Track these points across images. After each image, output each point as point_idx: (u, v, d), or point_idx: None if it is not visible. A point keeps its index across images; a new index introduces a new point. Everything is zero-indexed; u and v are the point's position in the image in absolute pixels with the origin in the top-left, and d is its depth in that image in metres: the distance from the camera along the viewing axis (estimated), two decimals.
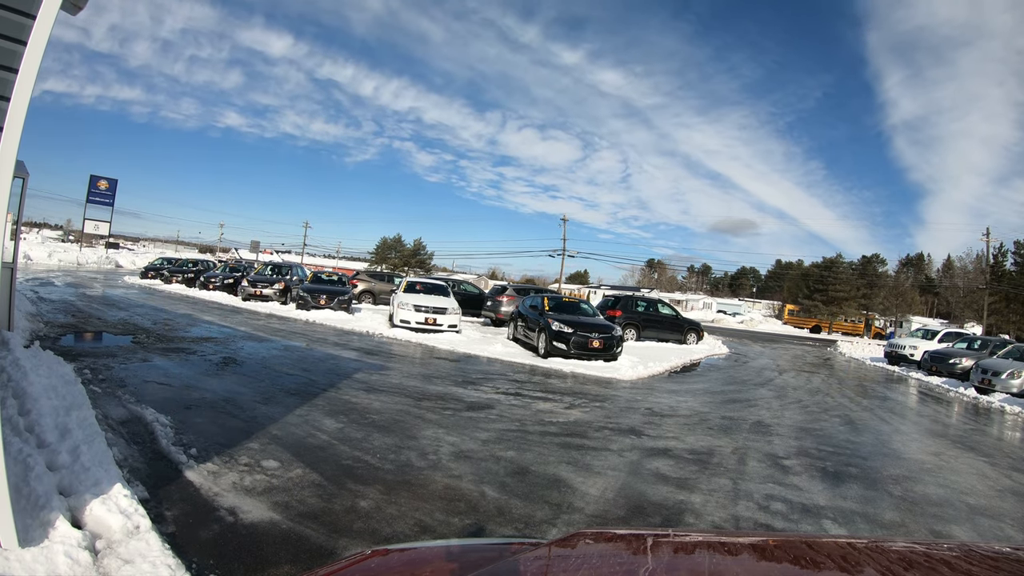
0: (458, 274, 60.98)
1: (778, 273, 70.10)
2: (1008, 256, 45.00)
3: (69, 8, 2.94)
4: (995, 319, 38.32)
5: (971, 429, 8.47)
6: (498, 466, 4.23)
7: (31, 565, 2.11)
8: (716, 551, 1.04)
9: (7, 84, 2.13)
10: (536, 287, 24.83)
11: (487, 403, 6.44)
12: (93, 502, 2.60)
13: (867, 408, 9.19)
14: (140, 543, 2.40)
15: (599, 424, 5.98)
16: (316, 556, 2.67)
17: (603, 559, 0.98)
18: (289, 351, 8.83)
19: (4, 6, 2.08)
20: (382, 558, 0.99)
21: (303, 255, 66.89)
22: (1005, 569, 0.98)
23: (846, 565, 0.96)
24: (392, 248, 55.07)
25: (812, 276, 47.32)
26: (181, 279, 21.96)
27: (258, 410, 5.12)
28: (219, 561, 2.53)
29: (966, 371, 13.76)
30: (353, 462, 3.99)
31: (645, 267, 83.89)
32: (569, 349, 10.49)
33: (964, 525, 4.09)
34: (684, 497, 4.00)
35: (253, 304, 16.11)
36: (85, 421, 3.69)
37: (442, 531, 3.07)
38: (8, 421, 3.29)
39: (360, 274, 23.61)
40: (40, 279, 18.23)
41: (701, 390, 9.35)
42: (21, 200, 6.90)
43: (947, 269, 61.49)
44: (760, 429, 6.55)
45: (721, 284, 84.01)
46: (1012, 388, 11.64)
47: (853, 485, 4.71)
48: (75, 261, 32.04)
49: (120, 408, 4.63)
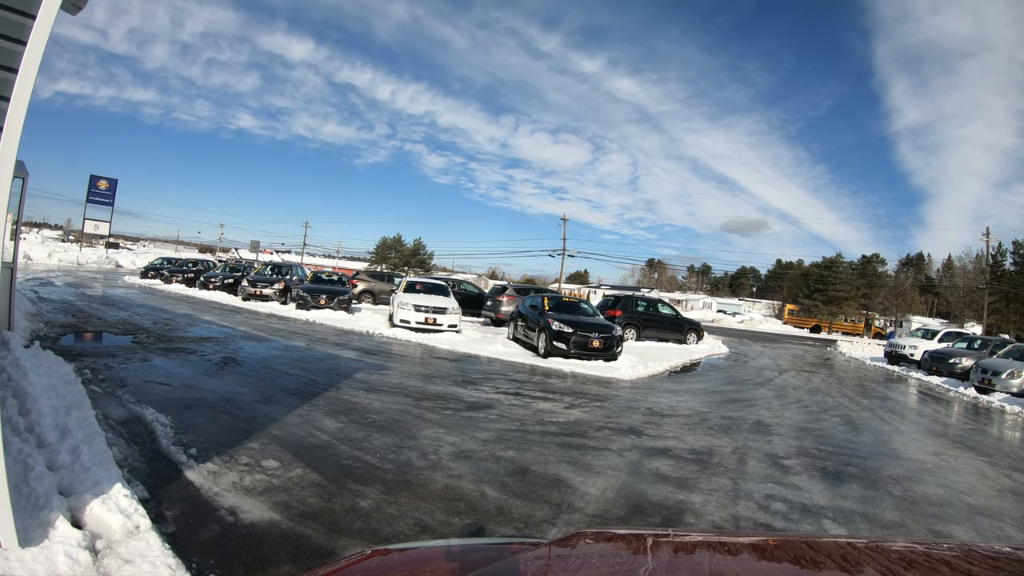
0: (458, 274, 60.95)
1: (778, 273, 70.11)
2: (1008, 256, 45.02)
3: (69, 8, 2.95)
4: (995, 319, 38.32)
5: (971, 429, 8.47)
6: (498, 466, 4.23)
7: (31, 565, 2.11)
8: (716, 551, 1.04)
9: (7, 84, 2.13)
10: (536, 287, 24.82)
11: (487, 403, 6.44)
12: (93, 502, 2.60)
13: (867, 408, 9.19)
14: (140, 543, 2.40)
15: (599, 424, 5.98)
16: (316, 556, 2.67)
17: (603, 559, 0.98)
18: (289, 351, 8.83)
19: (4, 6, 2.08)
20: (382, 558, 0.99)
21: (303, 255, 66.88)
22: (1005, 569, 0.98)
23: (846, 565, 0.96)
24: (392, 248, 55.06)
25: (812, 276, 47.31)
26: (181, 279, 21.97)
27: (258, 410, 5.12)
28: (219, 561, 2.53)
29: (966, 371, 13.77)
30: (353, 462, 3.99)
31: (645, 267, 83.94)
32: (569, 349, 10.48)
33: (964, 525, 4.09)
34: (684, 497, 4.00)
35: (253, 304, 16.11)
36: (85, 421, 3.69)
37: (442, 531, 3.08)
38: (8, 421, 3.29)
39: (360, 274, 23.61)
40: (40, 279, 18.22)
41: (701, 390, 9.35)
42: (21, 200, 6.90)
43: (947, 269, 61.49)
44: (760, 429, 6.55)
45: (721, 284, 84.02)
46: (1012, 388, 11.64)
47: (853, 485, 4.72)
48: (75, 261, 32.04)
49: (120, 408, 4.63)
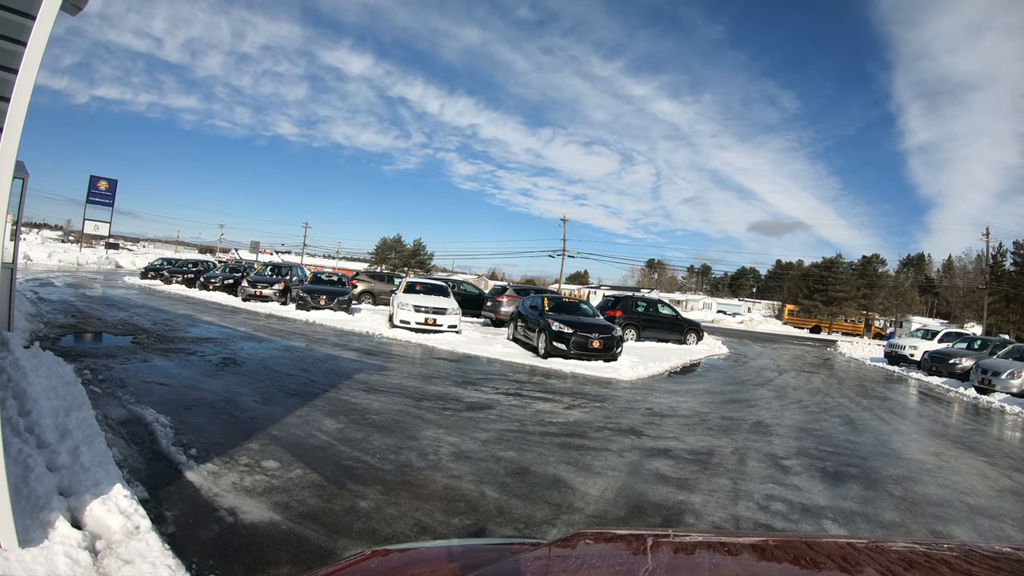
0: (458, 274, 60.97)
1: (778, 273, 70.10)
2: (1008, 256, 45.04)
3: (69, 8, 2.94)
4: (995, 319, 38.32)
5: (971, 429, 8.46)
6: (498, 466, 4.23)
7: (31, 565, 2.11)
8: (716, 551, 1.04)
9: (7, 84, 2.13)
10: (536, 287, 24.83)
11: (487, 403, 6.44)
12: (93, 502, 2.59)
13: (867, 408, 9.19)
14: (140, 543, 2.40)
15: (599, 424, 5.98)
16: (316, 556, 2.67)
17: (603, 559, 0.97)
18: (289, 351, 8.83)
19: (4, 6, 2.08)
20: (382, 558, 0.99)
21: (303, 255, 66.86)
22: (1005, 569, 0.98)
23: (846, 565, 0.96)
24: (392, 248, 55.02)
25: (812, 276, 47.30)
26: (181, 279, 21.95)
27: (258, 410, 5.12)
28: (219, 561, 2.53)
29: (966, 371, 13.76)
30: (353, 462, 3.99)
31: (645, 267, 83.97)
32: (569, 349, 10.48)
33: (964, 525, 4.09)
34: (684, 497, 4.00)
35: (253, 304, 16.11)
36: (85, 421, 3.69)
37: (442, 531, 3.07)
38: (8, 421, 3.29)
39: (360, 274, 23.60)
40: (40, 279, 18.22)
41: (701, 390, 9.35)
42: (21, 200, 6.90)
43: (947, 269, 61.47)
44: (760, 429, 6.55)
45: (721, 284, 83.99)
46: (1012, 388, 11.64)
47: (853, 485, 4.71)
48: (75, 261, 32.02)
49: (120, 408, 4.63)
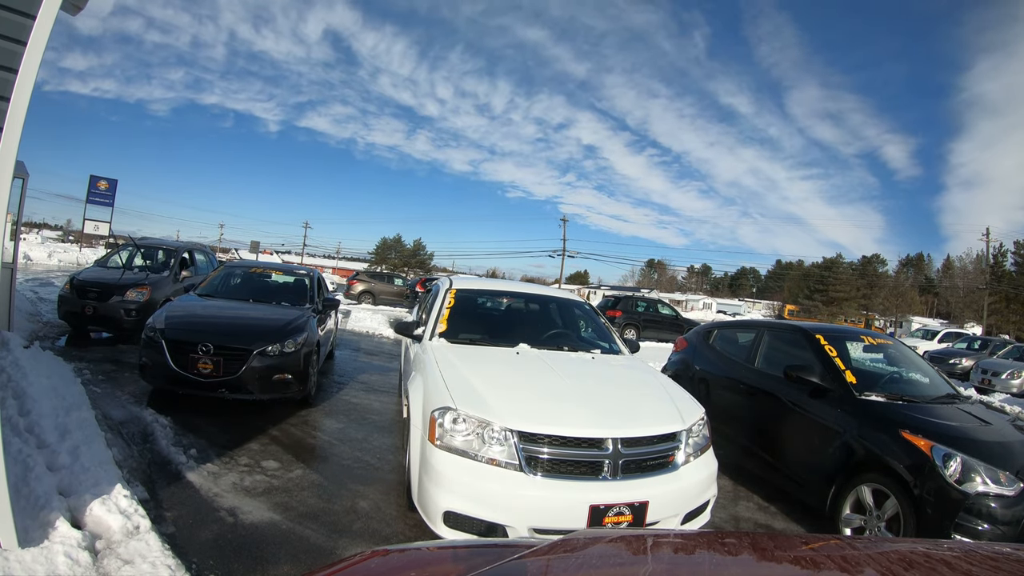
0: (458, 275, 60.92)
1: (778, 273, 70.14)
2: (1008, 256, 45.07)
3: (69, 8, 2.95)
4: (995, 319, 38.34)
5: None
6: None
7: (31, 565, 2.11)
8: (716, 551, 1.04)
9: (7, 84, 2.13)
10: None
11: None
12: (93, 503, 2.59)
13: None
14: (140, 543, 2.40)
15: None
16: (316, 556, 2.67)
17: (603, 560, 0.97)
18: None
19: (4, 6, 2.08)
20: (382, 558, 0.99)
21: (303, 255, 66.85)
22: (1005, 569, 0.98)
23: (846, 565, 0.96)
24: (392, 248, 55.09)
25: (812, 276, 47.39)
26: None
27: (257, 411, 5.11)
28: (219, 562, 2.53)
29: (966, 371, 13.77)
30: (353, 463, 3.99)
31: (645, 267, 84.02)
32: None
33: None
34: None
35: None
36: (85, 422, 3.68)
37: None
38: (8, 421, 3.28)
39: (360, 274, 23.65)
40: (40, 279, 18.19)
41: None
42: (21, 200, 6.89)
43: (947, 269, 61.49)
44: None
45: (721, 284, 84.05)
46: (1012, 388, 11.65)
47: None
48: (75, 261, 31.98)
49: (120, 409, 4.62)
